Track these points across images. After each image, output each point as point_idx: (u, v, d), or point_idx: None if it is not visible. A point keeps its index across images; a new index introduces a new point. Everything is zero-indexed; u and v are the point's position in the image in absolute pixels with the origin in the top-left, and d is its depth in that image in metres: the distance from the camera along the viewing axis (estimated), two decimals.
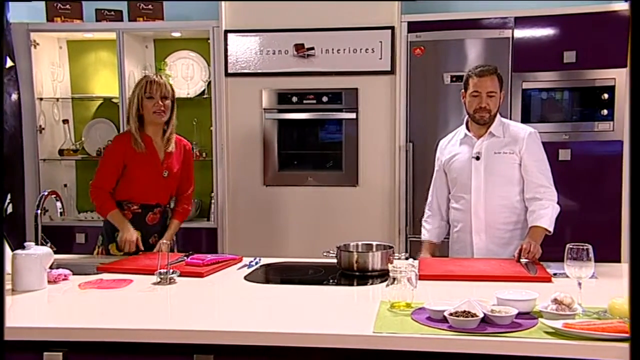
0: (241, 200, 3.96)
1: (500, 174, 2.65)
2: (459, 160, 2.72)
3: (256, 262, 2.60)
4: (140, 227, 2.81)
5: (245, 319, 1.83)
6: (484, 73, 2.63)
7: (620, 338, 1.53)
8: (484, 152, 2.66)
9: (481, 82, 2.63)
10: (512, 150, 2.64)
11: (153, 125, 2.84)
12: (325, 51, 3.75)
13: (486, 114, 2.63)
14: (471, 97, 2.65)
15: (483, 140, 2.68)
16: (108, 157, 2.87)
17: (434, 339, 1.61)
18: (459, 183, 2.72)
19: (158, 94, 2.79)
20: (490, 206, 2.64)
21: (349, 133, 3.84)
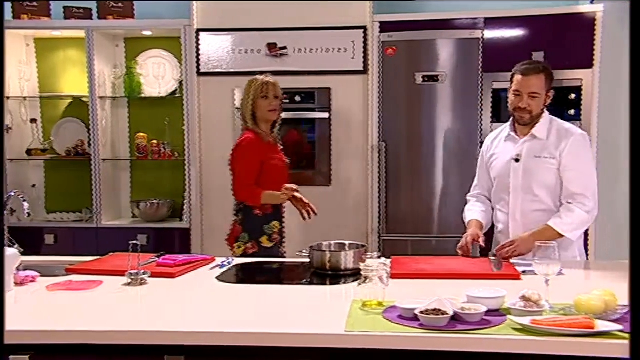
0: (214, 200, 3.93)
1: (539, 178, 2.52)
2: (500, 160, 2.62)
3: (229, 262, 2.58)
4: (279, 218, 3.00)
5: (216, 319, 1.82)
6: (529, 72, 2.46)
7: (585, 333, 1.56)
8: (524, 155, 2.54)
9: (524, 81, 2.46)
10: (552, 154, 2.50)
11: (265, 123, 2.98)
12: (298, 51, 3.75)
13: (526, 114, 2.49)
14: (513, 95, 2.51)
15: (525, 141, 2.55)
16: (245, 158, 2.93)
17: (405, 337, 1.62)
18: (498, 183, 2.63)
19: (272, 93, 2.95)
20: (527, 210, 2.54)
21: (322, 133, 3.84)
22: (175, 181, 4.19)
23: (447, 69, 3.65)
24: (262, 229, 2.95)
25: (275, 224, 2.99)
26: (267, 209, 2.97)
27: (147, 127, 4.20)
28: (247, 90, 2.99)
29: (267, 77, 2.99)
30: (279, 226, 3.01)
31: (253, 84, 2.97)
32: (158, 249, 2.82)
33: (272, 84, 2.96)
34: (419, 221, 3.80)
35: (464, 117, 3.68)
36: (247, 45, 3.80)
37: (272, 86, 2.95)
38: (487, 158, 2.70)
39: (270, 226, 2.97)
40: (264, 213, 2.96)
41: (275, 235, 2.98)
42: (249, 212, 2.96)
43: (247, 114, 2.96)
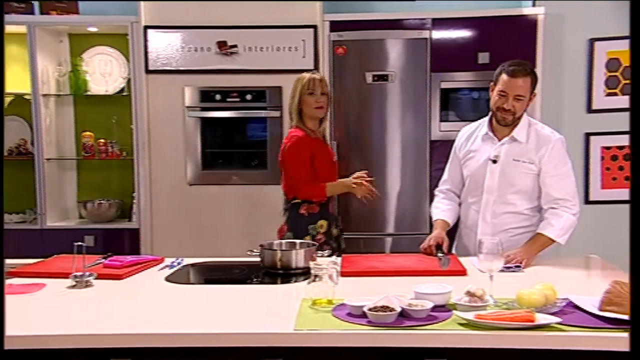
0: (164, 200, 3.87)
1: (515, 182, 2.51)
2: (476, 159, 2.59)
3: (178, 262, 2.55)
4: (326, 217, 2.92)
5: (164, 320, 1.80)
6: (517, 73, 2.42)
7: (526, 327, 1.61)
8: (503, 157, 2.52)
9: (512, 82, 2.42)
10: (531, 159, 2.49)
11: (311, 120, 2.95)
12: (249, 49, 3.73)
13: (509, 116, 2.46)
14: (498, 95, 2.47)
15: (504, 143, 2.53)
16: (298, 155, 2.88)
17: (353, 334, 1.63)
18: (472, 182, 2.61)
19: (319, 90, 2.91)
20: (498, 212, 2.55)
21: (274, 131, 3.83)
22: (123, 181, 4.11)
23: (396, 69, 3.70)
24: (307, 228, 2.89)
25: (322, 223, 2.91)
26: (313, 208, 2.91)
27: (93, 126, 4.10)
28: (294, 87, 2.97)
29: (314, 74, 2.96)
30: (326, 225, 2.93)
31: (300, 81, 2.95)
32: (106, 250, 2.76)
33: (319, 80, 2.92)
34: (371, 219, 3.83)
35: (413, 116, 3.74)
36: (196, 43, 3.75)
37: (319, 82, 2.92)
38: (462, 155, 2.66)
39: (316, 226, 2.89)
40: (309, 212, 2.90)
41: (320, 236, 2.88)
42: (295, 211, 2.92)
43: (294, 111, 2.95)
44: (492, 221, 2.56)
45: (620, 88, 3.69)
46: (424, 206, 3.72)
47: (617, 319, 1.63)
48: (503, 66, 2.49)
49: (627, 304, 1.66)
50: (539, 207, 2.57)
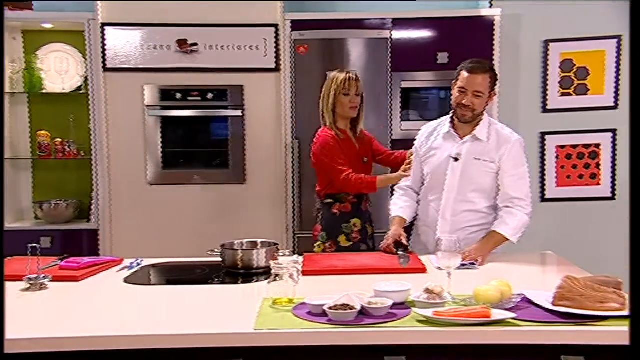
0: (124, 200, 3.81)
1: (476, 181, 2.56)
2: (438, 157, 2.61)
3: (137, 263, 2.52)
4: (359, 216, 2.90)
5: (121, 322, 1.77)
6: (476, 70, 2.47)
7: (482, 322, 1.64)
8: (464, 155, 2.55)
9: (471, 78, 2.47)
10: (492, 158, 2.53)
11: (343, 120, 2.94)
12: (209, 47, 3.70)
13: (469, 112, 2.51)
14: (458, 92, 2.52)
15: (466, 141, 2.57)
16: (333, 153, 2.85)
17: (313, 333, 1.64)
18: (432, 179, 2.64)
19: (354, 90, 2.88)
20: (458, 210, 2.58)
21: (236, 130, 3.81)
22: (81, 181, 4.03)
23: (357, 68, 3.71)
24: (341, 228, 2.87)
25: (355, 222, 2.89)
26: (345, 207, 2.89)
27: (49, 125, 4.01)
28: (327, 86, 2.93)
29: (350, 73, 2.91)
30: (360, 223, 2.90)
31: (334, 80, 2.91)
32: (64, 252, 2.71)
33: (354, 80, 2.88)
34: None
35: (375, 115, 3.76)
36: (156, 41, 3.70)
37: (354, 83, 2.87)
38: (423, 152, 2.69)
39: (350, 225, 2.88)
40: (341, 212, 2.88)
41: (355, 234, 2.87)
42: (328, 211, 2.90)
43: (327, 111, 2.92)
44: (452, 219, 2.59)
45: (574, 88, 3.79)
46: (385, 204, 3.74)
47: (569, 314, 1.68)
48: (464, 64, 2.54)
49: (578, 298, 1.71)
50: (495, 205, 2.62)
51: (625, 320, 1.65)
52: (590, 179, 3.82)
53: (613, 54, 3.72)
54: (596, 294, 1.71)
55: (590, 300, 1.69)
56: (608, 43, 3.72)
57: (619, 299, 1.71)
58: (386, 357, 1.66)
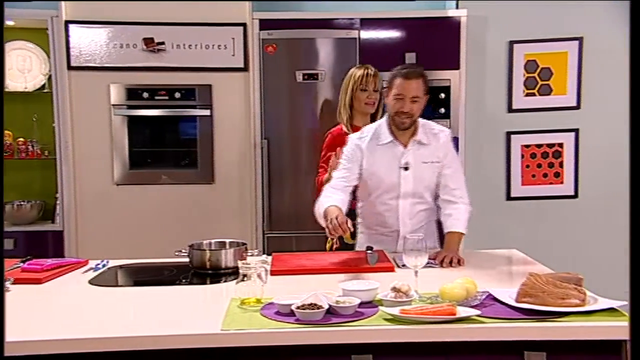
0: (89, 200, 3.76)
1: (426, 182, 2.59)
2: (385, 167, 2.56)
3: (103, 264, 2.49)
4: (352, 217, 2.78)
5: (85, 325, 1.74)
6: (411, 75, 2.46)
7: (448, 320, 1.66)
8: (413, 162, 2.55)
9: (407, 84, 2.45)
10: (438, 158, 2.57)
11: (362, 116, 2.93)
12: (177, 46, 3.67)
13: (407, 119, 2.49)
14: (395, 99, 2.48)
15: (409, 148, 2.55)
16: (328, 147, 2.92)
17: (281, 332, 1.64)
18: (384, 190, 2.60)
19: (372, 86, 2.89)
20: (414, 211, 2.62)
21: (204, 130, 3.79)
22: (45, 181, 3.96)
23: (326, 68, 3.73)
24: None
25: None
26: (353, 204, 2.76)
27: (12, 124, 3.93)
28: (345, 82, 2.93)
29: (368, 69, 2.91)
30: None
31: (352, 76, 2.91)
32: (28, 254, 2.65)
33: (372, 76, 2.88)
34: (303, 217, 3.84)
35: None
36: (122, 39, 3.65)
37: (373, 78, 2.88)
38: (367, 164, 2.58)
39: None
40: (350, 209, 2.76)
41: None
42: None
43: (344, 107, 2.92)
44: (411, 222, 2.63)
45: (538, 89, 3.87)
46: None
47: (531, 310, 1.71)
48: (396, 70, 2.52)
49: (540, 295, 1.75)
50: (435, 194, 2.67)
51: (585, 315, 1.69)
52: (554, 177, 3.90)
53: (575, 55, 3.81)
54: (558, 290, 1.75)
55: (552, 297, 1.73)
56: (570, 44, 3.80)
57: (580, 295, 1.75)
58: (353, 355, 1.67)
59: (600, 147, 3.86)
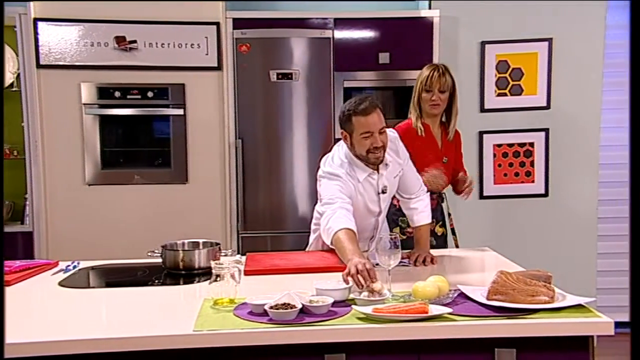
0: (60, 201, 3.69)
1: (394, 191, 2.63)
2: (368, 197, 2.50)
3: (74, 266, 2.46)
4: None
5: (55, 327, 1.72)
6: (370, 110, 2.34)
7: (420, 318, 1.68)
8: (387, 183, 2.52)
9: (369, 120, 2.34)
10: (400, 165, 2.57)
11: (430, 116, 2.91)
12: (149, 45, 3.63)
13: (381, 152, 2.40)
14: (362, 138, 2.36)
15: (382, 173, 2.49)
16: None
17: (253, 333, 1.64)
18: (364, 213, 2.52)
19: (437, 87, 2.84)
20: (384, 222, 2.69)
21: (177, 129, 3.75)
22: (14, 181, 3.89)
23: (300, 67, 3.73)
24: (397, 220, 2.89)
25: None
26: None
27: None
28: (417, 78, 2.92)
29: (436, 70, 2.86)
30: None
31: (420, 76, 2.89)
32: None
33: (437, 77, 2.83)
34: (278, 217, 3.85)
35: (318, 114, 3.78)
36: (93, 37, 3.60)
37: (437, 79, 2.82)
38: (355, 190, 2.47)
39: (405, 219, 2.79)
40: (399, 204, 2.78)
41: (411, 229, 2.75)
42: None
43: (413, 105, 2.92)
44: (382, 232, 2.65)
45: (509, 89, 3.92)
46: None
47: (502, 307, 1.74)
48: (349, 110, 2.37)
49: (511, 292, 1.77)
50: None
51: (554, 312, 1.72)
52: (525, 176, 3.96)
53: (545, 56, 3.86)
54: (527, 287, 1.78)
55: (521, 294, 1.76)
56: (540, 45, 3.86)
57: (549, 292, 1.78)
58: (327, 354, 1.67)
59: (569, 146, 3.93)
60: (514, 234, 3.93)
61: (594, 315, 1.71)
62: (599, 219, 3.99)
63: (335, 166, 2.47)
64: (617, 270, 4.22)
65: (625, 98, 4.29)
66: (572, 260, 3.90)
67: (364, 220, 2.52)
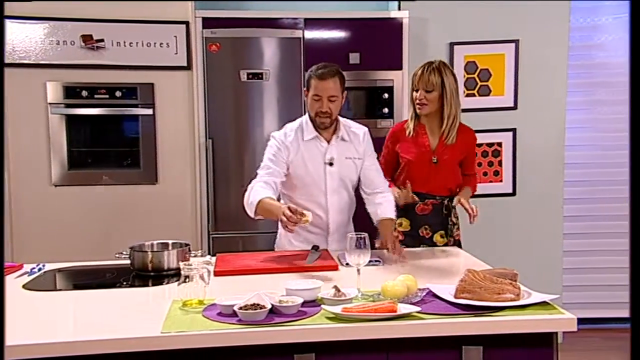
0: (25, 202, 3.62)
1: (350, 177, 2.67)
2: (311, 163, 2.61)
3: (39, 268, 2.41)
4: (409, 217, 2.86)
5: (18, 331, 1.68)
6: (327, 75, 2.51)
7: (389, 317, 1.69)
8: (336, 158, 2.62)
9: (322, 84, 2.50)
10: (359, 154, 2.66)
11: (423, 115, 2.84)
12: (117, 44, 3.58)
13: (327, 118, 2.55)
14: (312, 100, 2.54)
15: (333, 144, 2.63)
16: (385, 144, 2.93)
17: (222, 334, 1.63)
18: (309, 186, 2.63)
19: (422, 86, 2.78)
20: (341, 207, 2.68)
21: (146, 129, 3.71)
22: None
23: (271, 67, 3.72)
24: None
25: (401, 221, 2.86)
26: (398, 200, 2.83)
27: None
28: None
29: (424, 67, 2.81)
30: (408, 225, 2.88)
31: (414, 74, 2.86)
32: None
33: (421, 74, 2.79)
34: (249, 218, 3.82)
35: (289, 114, 3.74)
36: (59, 36, 3.53)
37: (421, 77, 2.79)
38: (290, 157, 2.62)
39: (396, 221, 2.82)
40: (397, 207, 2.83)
41: (397, 233, 2.72)
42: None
43: (410, 102, 2.91)
44: (340, 217, 2.69)
45: (477, 89, 3.97)
46: None
47: (469, 305, 1.76)
48: (312, 71, 2.56)
49: (478, 290, 1.80)
50: None
51: (519, 309, 1.76)
52: (494, 176, 4.02)
53: (512, 57, 3.93)
54: (494, 285, 1.81)
55: (488, 292, 1.79)
56: (507, 46, 3.92)
57: (514, 289, 1.82)
58: (296, 355, 1.68)
59: (536, 146, 4.00)
60: (482, 233, 3.98)
61: (558, 312, 1.74)
62: (565, 218, 4.07)
63: (281, 132, 2.69)
64: (583, 267, 4.32)
65: (589, 99, 4.41)
66: (539, 258, 3.97)
67: (312, 196, 2.63)
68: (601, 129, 4.33)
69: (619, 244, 4.22)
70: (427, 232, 2.86)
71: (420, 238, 2.86)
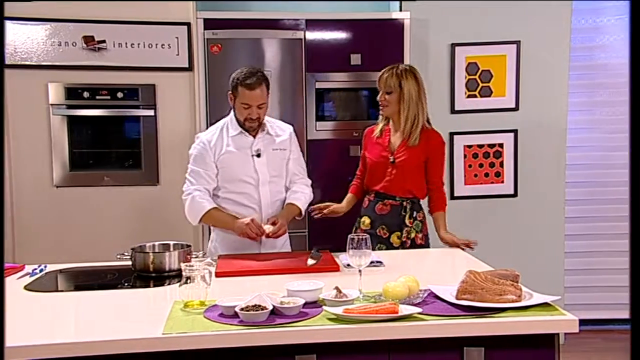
0: (27, 203, 3.63)
1: (277, 169, 2.76)
2: (238, 156, 2.70)
3: (41, 269, 2.41)
4: (369, 215, 2.89)
5: (20, 332, 1.69)
6: (254, 85, 2.62)
7: (390, 318, 1.69)
8: (263, 149, 2.72)
9: (251, 94, 2.62)
10: (285, 146, 2.77)
11: (386, 116, 2.92)
12: (119, 45, 3.58)
13: (256, 123, 2.69)
14: (241, 107, 2.67)
15: (259, 137, 2.73)
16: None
17: (223, 335, 1.63)
18: (237, 179, 2.71)
19: (382, 88, 2.85)
20: (273, 200, 2.74)
21: (148, 130, 3.71)
22: None
23: (272, 68, 3.72)
24: (357, 219, 2.96)
25: (364, 220, 2.92)
26: (365, 201, 2.95)
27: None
28: None
29: (387, 70, 2.87)
30: (369, 224, 2.89)
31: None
32: None
33: (381, 77, 2.86)
34: None
35: (290, 115, 3.76)
36: (60, 37, 3.54)
37: (379, 79, 2.87)
38: (216, 156, 2.70)
39: (360, 220, 2.94)
40: (363, 206, 2.97)
41: (359, 231, 2.85)
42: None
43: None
44: (272, 210, 2.74)
45: (479, 90, 3.97)
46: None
47: (470, 306, 1.76)
48: (238, 79, 2.66)
49: (479, 291, 1.80)
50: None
51: (521, 310, 1.75)
52: (495, 177, 4.02)
53: (513, 58, 3.93)
54: (495, 286, 1.81)
55: (489, 293, 1.79)
56: (508, 48, 3.92)
57: (516, 290, 1.81)
58: (297, 356, 1.68)
59: (537, 147, 4.00)
60: (483, 234, 3.97)
61: (559, 313, 1.74)
62: (566, 219, 4.07)
63: (206, 133, 2.82)
64: (584, 269, 4.32)
65: (590, 100, 4.41)
66: (541, 260, 3.96)
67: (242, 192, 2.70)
68: (603, 130, 4.33)
69: (621, 245, 4.21)
70: (385, 232, 2.85)
71: (377, 237, 2.84)
